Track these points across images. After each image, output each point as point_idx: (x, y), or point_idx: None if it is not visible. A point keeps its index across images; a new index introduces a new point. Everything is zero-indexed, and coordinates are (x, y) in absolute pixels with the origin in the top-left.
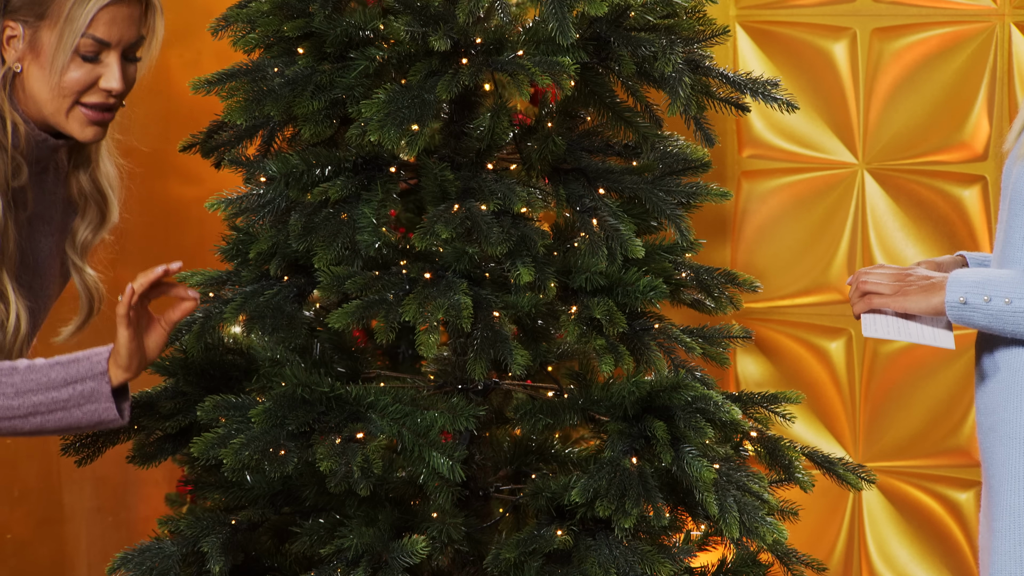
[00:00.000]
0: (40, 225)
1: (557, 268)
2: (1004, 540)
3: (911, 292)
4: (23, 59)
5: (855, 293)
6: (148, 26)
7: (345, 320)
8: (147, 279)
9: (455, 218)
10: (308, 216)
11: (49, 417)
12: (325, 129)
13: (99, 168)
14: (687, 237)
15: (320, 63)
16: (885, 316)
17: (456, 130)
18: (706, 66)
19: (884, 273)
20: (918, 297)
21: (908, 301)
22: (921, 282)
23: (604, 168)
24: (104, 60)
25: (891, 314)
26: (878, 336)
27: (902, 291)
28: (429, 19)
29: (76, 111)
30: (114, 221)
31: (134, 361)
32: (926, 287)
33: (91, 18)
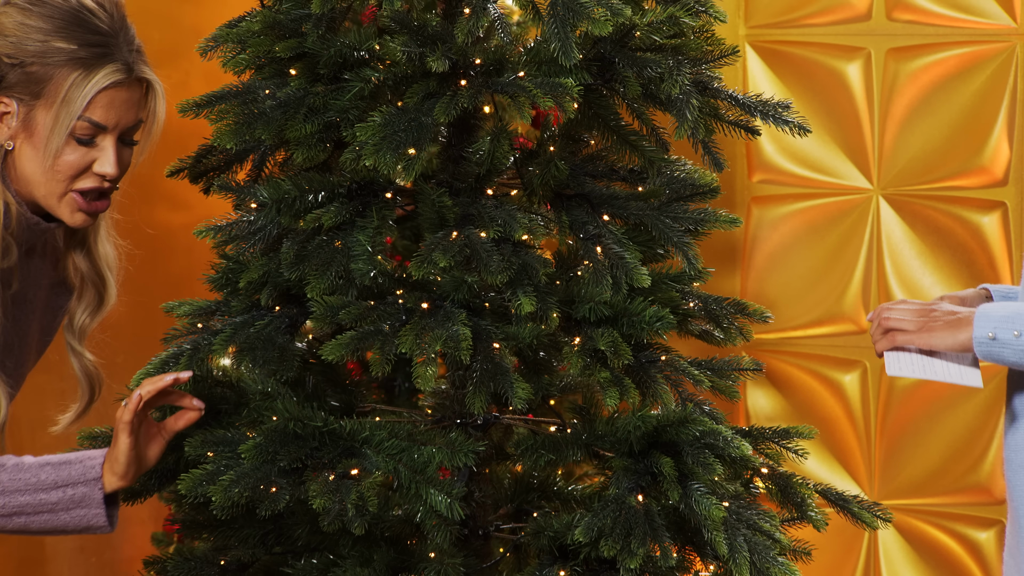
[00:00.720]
0: (22, 305)
1: (560, 298)
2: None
3: (936, 328)
4: (16, 137)
5: (877, 330)
6: (148, 110)
7: (339, 352)
8: (155, 387)
9: (453, 246)
10: (300, 244)
11: (34, 519)
12: (318, 153)
13: (96, 249)
14: (695, 265)
15: (313, 85)
16: (909, 354)
17: (455, 154)
18: (715, 88)
19: (907, 309)
20: (944, 333)
21: (934, 338)
22: (947, 317)
23: (608, 194)
24: (99, 143)
25: (915, 351)
26: (902, 375)
27: (927, 327)
28: (426, 39)
29: (68, 197)
30: (112, 303)
31: (131, 470)
32: (952, 322)
33: (88, 101)
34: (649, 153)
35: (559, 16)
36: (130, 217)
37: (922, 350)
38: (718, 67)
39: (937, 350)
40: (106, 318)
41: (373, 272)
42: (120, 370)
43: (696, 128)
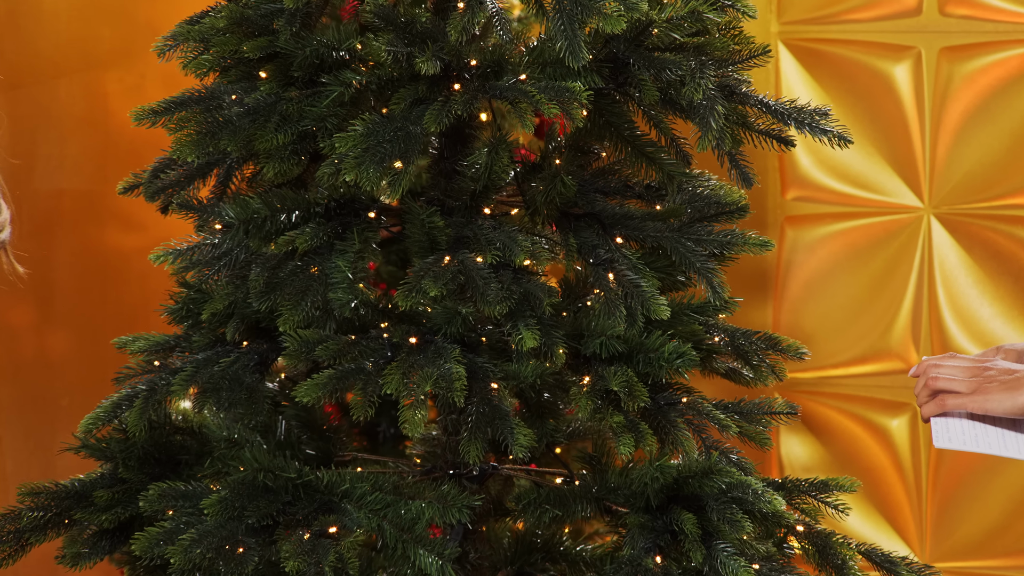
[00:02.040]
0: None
1: (566, 331)
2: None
3: (992, 390)
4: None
5: (923, 391)
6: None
7: (315, 393)
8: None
9: (446, 272)
10: (272, 270)
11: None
12: (292, 167)
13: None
14: (721, 295)
15: (286, 89)
16: (960, 420)
17: (447, 168)
18: (743, 92)
19: (958, 367)
20: (1001, 396)
21: (989, 401)
22: (1004, 377)
23: (622, 213)
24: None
25: (965, 415)
26: (952, 447)
27: (982, 389)
28: (415, 37)
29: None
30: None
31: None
32: (1011, 383)
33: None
34: (668, 167)
35: (566, 11)
36: (78, 240)
37: (974, 415)
38: (747, 69)
39: (993, 414)
40: (48, 355)
41: (354, 302)
42: (65, 414)
43: (722, 138)
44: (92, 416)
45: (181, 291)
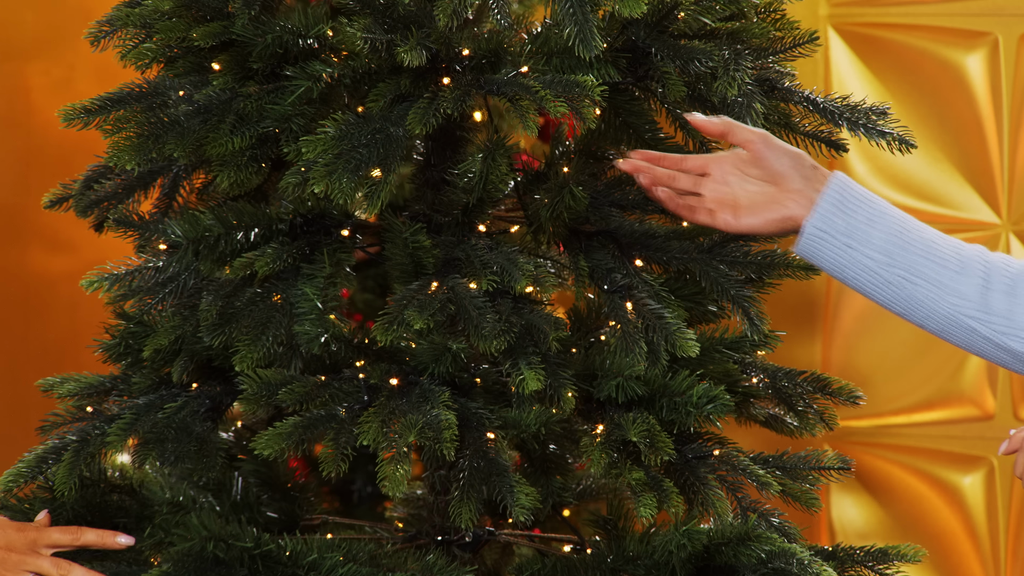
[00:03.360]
0: None
1: (576, 371)
2: None
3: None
4: None
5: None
6: None
7: (278, 445)
8: (98, 542)
9: (433, 301)
10: (226, 299)
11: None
12: (250, 176)
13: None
14: (759, 327)
15: (243, 84)
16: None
17: (435, 177)
18: (785, 87)
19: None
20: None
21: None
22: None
23: (642, 231)
24: None
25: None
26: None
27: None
28: (396, 22)
29: None
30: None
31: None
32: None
33: None
34: None
35: None
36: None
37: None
38: (790, 60)
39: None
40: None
41: (324, 336)
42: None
43: None
44: (12, 472)
45: (118, 323)
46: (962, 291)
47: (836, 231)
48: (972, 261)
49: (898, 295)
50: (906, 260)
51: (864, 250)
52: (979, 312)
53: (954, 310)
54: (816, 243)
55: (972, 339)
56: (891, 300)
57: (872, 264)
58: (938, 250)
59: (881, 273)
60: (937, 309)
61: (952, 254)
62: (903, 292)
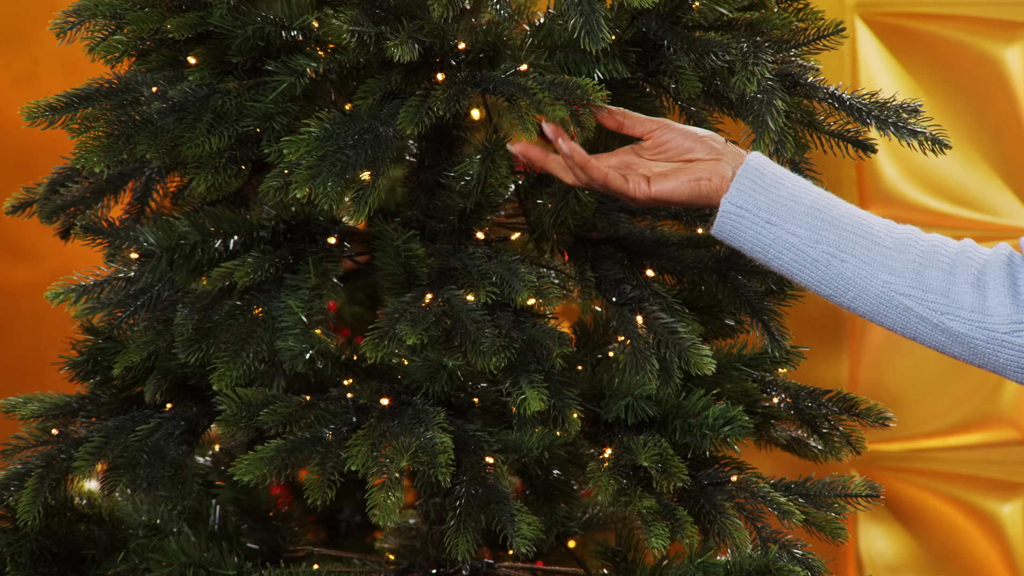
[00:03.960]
0: None
1: (582, 390)
2: None
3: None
4: None
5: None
6: None
7: (259, 470)
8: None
9: (427, 315)
10: (203, 312)
11: None
12: (229, 179)
13: None
14: (781, 343)
15: (221, 79)
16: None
17: (429, 181)
18: (809, 83)
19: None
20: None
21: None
22: None
23: (654, 238)
24: None
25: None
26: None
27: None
28: (387, 13)
29: None
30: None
31: None
32: None
33: None
34: None
35: None
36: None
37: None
38: (815, 53)
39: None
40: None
41: (309, 353)
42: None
43: (782, 142)
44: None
45: (86, 339)
46: (895, 267)
47: (756, 207)
48: (905, 238)
49: (825, 274)
50: (833, 236)
51: (787, 226)
52: (913, 289)
53: (886, 288)
54: (735, 221)
55: (907, 320)
56: (818, 280)
57: (796, 241)
58: (867, 226)
59: (806, 251)
60: (868, 287)
61: (883, 230)
62: (831, 271)
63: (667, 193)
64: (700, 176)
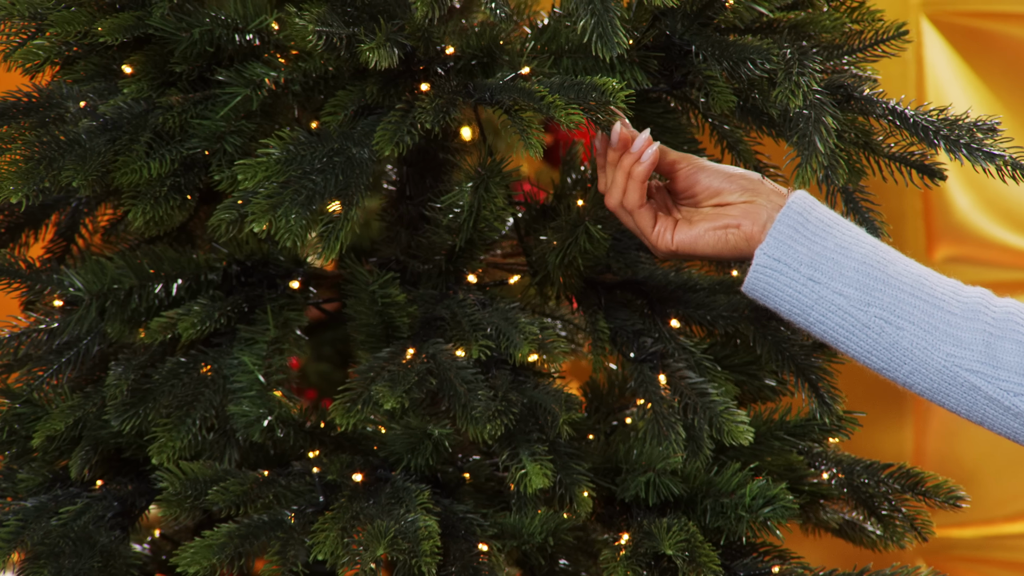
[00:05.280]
0: None
1: (595, 464)
2: None
3: None
4: None
5: None
6: None
7: (207, 560)
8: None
9: (409, 373)
10: (141, 370)
11: None
12: (172, 211)
13: None
14: (832, 407)
15: (163, 92)
16: None
17: (411, 213)
18: (865, 96)
19: None
20: None
21: None
22: None
23: (679, 282)
24: None
25: None
26: None
27: None
28: (361, 12)
29: None
30: None
31: None
32: None
33: None
34: None
35: None
36: None
37: None
38: (872, 60)
39: None
40: None
41: (268, 419)
42: None
43: (833, 167)
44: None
45: (3, 402)
46: (961, 338)
47: (796, 260)
48: (975, 302)
49: (877, 343)
50: (888, 298)
51: (833, 284)
52: (983, 365)
53: (950, 362)
54: (770, 276)
55: (973, 400)
56: (868, 350)
57: (843, 303)
58: (929, 287)
59: (855, 315)
60: (928, 361)
61: (948, 293)
62: (884, 339)
63: (688, 244)
64: (727, 223)
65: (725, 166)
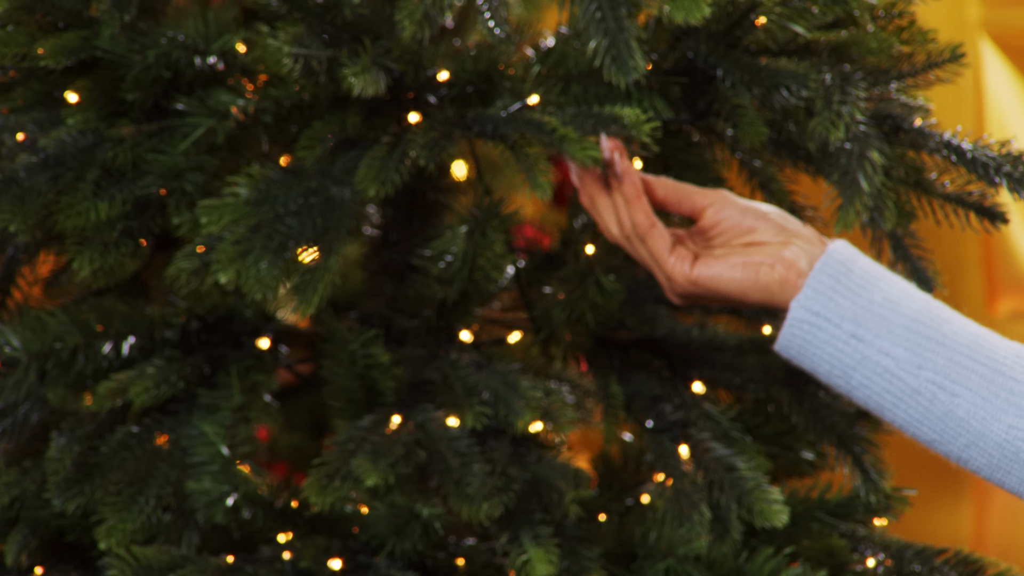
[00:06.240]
0: None
1: (607, 548)
2: None
3: None
4: None
5: None
6: None
7: None
8: None
9: (394, 445)
10: (86, 441)
11: None
12: (123, 260)
13: None
14: (878, 484)
15: (113, 123)
16: None
17: (396, 262)
18: (917, 128)
19: None
20: None
21: None
22: None
23: (703, 340)
24: None
25: None
26: None
27: None
28: (341, 32)
29: None
30: None
31: None
32: None
33: None
34: None
35: None
36: None
37: None
38: (925, 86)
39: None
40: None
41: (232, 497)
42: None
43: (879, 209)
44: None
45: None
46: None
47: (838, 315)
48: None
49: (929, 412)
50: (942, 360)
51: (880, 343)
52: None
53: (1012, 435)
54: (808, 332)
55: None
56: (918, 419)
57: (891, 364)
58: (989, 349)
59: (904, 378)
60: (986, 434)
61: (1011, 356)
62: (936, 407)
63: (711, 278)
64: (760, 260)
65: (759, 203)
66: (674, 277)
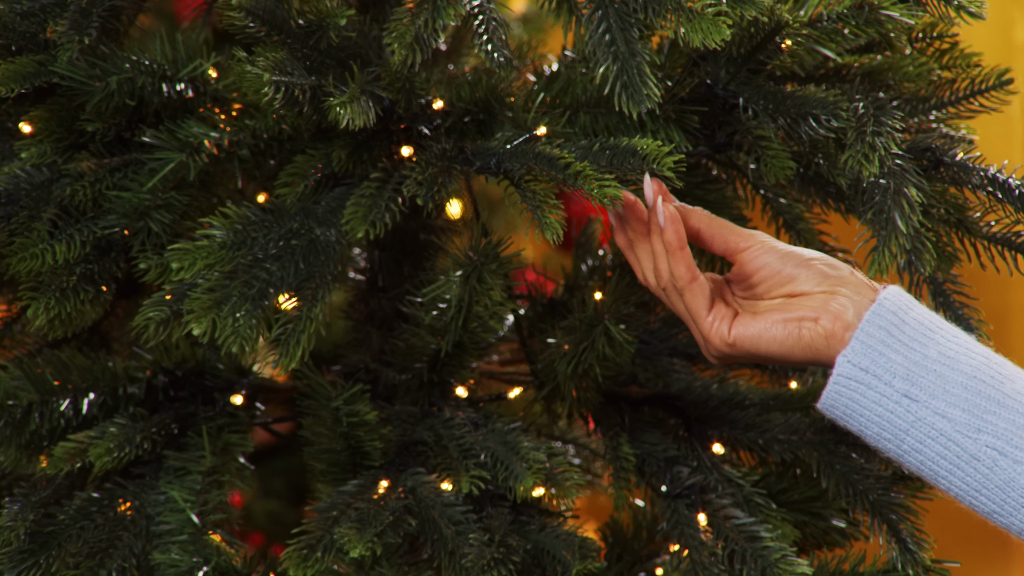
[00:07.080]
0: None
1: None
2: None
3: None
4: None
5: None
6: None
7: None
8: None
9: (381, 512)
10: (42, 509)
11: None
12: (82, 307)
13: None
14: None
15: (71, 156)
16: None
17: (384, 309)
18: (959, 161)
19: None
20: None
21: None
22: None
23: (723, 396)
24: None
25: None
26: None
27: None
28: (326, 56)
29: None
30: None
31: None
32: None
33: None
34: None
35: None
36: None
37: None
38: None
39: None
40: None
41: (203, 570)
42: None
43: (917, 251)
44: None
45: None
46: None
47: (889, 372)
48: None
49: (988, 480)
50: (1004, 423)
51: (935, 404)
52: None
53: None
54: (856, 390)
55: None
56: (975, 488)
57: (947, 427)
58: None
59: (962, 443)
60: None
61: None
62: (996, 475)
63: (750, 340)
64: (802, 315)
65: (801, 249)
66: (711, 340)
